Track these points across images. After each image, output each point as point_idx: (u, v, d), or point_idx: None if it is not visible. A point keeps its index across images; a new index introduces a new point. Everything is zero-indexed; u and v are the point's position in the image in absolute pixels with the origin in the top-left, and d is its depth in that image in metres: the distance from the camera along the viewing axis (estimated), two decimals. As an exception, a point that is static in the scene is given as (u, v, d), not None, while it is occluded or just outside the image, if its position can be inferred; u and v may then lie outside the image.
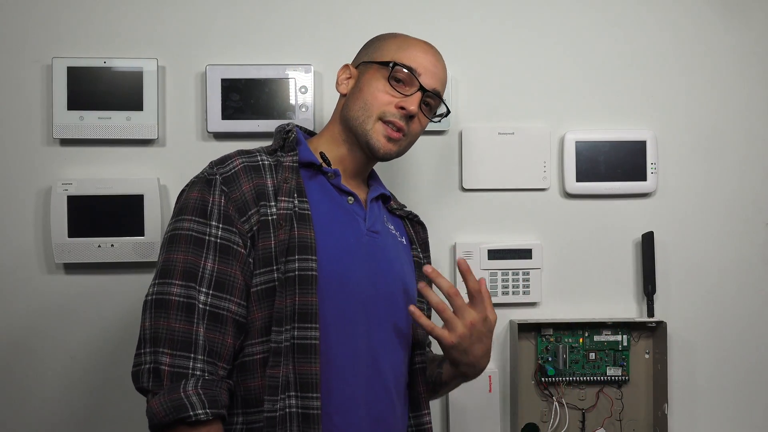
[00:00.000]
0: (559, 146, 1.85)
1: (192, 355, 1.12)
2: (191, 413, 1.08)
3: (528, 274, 1.82)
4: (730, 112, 1.89)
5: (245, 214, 1.20)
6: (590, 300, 1.85)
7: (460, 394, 1.77)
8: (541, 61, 1.85)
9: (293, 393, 1.16)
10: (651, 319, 1.81)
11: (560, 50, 1.86)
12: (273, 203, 1.21)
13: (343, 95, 1.37)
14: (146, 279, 1.31)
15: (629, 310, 1.87)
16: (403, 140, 1.33)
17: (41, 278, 1.72)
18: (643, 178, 1.84)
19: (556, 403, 1.80)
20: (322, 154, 1.32)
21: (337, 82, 1.38)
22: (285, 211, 1.20)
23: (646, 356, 1.84)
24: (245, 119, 1.73)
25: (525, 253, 1.82)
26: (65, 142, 1.73)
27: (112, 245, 1.70)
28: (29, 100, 1.72)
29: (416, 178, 1.83)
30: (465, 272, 1.24)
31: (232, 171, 1.23)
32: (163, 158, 1.75)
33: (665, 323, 1.79)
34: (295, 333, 1.16)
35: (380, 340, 1.28)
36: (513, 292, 1.81)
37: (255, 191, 1.21)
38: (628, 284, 1.87)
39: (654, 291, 1.83)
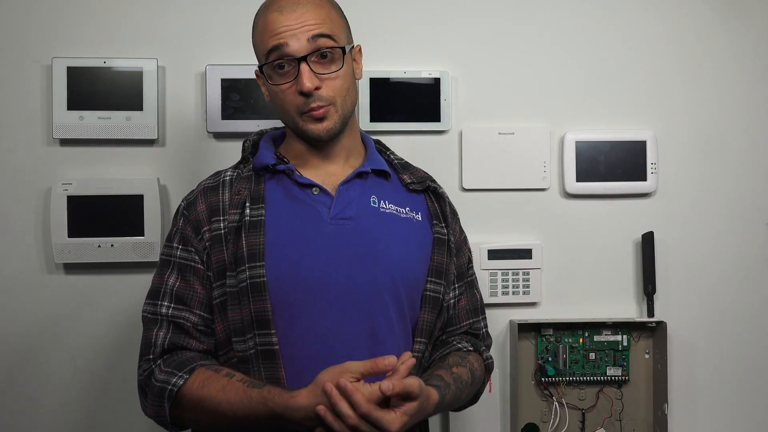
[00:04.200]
0: (559, 146, 1.85)
1: (150, 356, 1.23)
2: (171, 387, 1.16)
3: (528, 274, 1.82)
4: (730, 112, 1.89)
5: (199, 232, 1.26)
6: (590, 300, 1.85)
7: (460, 394, 1.77)
8: (541, 60, 1.85)
9: None
10: (651, 319, 1.81)
11: (560, 50, 1.86)
12: (226, 217, 1.26)
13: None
14: (146, 279, 1.33)
15: (629, 310, 1.86)
16: (332, 108, 1.24)
17: (41, 278, 1.72)
18: (643, 178, 1.84)
19: (556, 403, 1.80)
20: (277, 154, 1.32)
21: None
22: (232, 224, 1.24)
23: (646, 356, 1.84)
24: (245, 119, 1.73)
25: (525, 253, 1.82)
26: (65, 142, 1.73)
27: (112, 245, 1.70)
28: (29, 100, 1.72)
29: (416, 178, 1.82)
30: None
31: (194, 196, 1.31)
32: (163, 158, 1.75)
33: (665, 323, 1.79)
34: (257, 340, 1.19)
35: (355, 332, 1.21)
36: (513, 292, 1.81)
37: (209, 209, 1.27)
38: (628, 284, 1.87)
39: (654, 291, 1.83)
